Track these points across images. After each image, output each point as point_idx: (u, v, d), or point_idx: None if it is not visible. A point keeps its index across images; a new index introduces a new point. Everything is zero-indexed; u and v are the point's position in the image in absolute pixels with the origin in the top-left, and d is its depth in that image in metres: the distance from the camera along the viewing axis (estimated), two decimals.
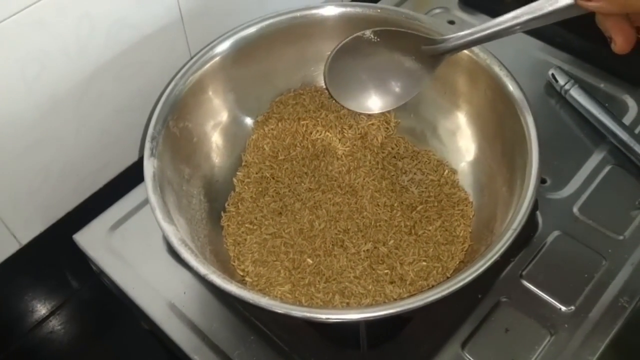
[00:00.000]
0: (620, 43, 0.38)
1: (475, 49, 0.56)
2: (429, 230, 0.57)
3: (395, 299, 0.52)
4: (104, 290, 0.61)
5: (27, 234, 0.62)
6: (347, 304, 0.52)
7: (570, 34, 0.71)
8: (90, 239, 0.58)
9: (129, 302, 0.56)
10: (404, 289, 0.53)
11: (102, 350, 0.67)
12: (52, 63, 0.54)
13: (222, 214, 0.59)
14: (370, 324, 0.50)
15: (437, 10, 0.76)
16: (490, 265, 0.45)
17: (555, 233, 0.57)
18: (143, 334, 0.65)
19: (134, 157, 0.68)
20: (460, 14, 0.76)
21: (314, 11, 0.60)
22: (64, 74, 0.56)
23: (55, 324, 0.66)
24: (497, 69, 0.56)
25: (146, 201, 0.60)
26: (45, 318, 0.67)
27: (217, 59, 0.58)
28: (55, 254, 0.66)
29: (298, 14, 0.60)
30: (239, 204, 0.59)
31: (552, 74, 0.67)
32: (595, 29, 0.41)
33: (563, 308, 0.53)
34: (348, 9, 0.61)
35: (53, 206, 0.63)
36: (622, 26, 0.38)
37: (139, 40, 0.60)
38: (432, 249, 0.55)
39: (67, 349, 0.66)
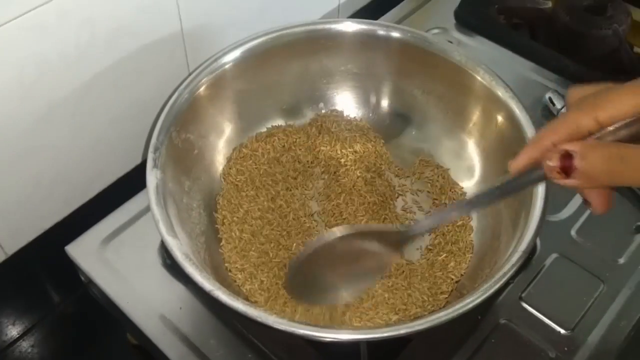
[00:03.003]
0: (596, 206, 0.36)
1: (481, 70, 0.57)
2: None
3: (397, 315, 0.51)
4: (87, 305, 0.59)
5: (14, 244, 0.60)
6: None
7: (565, 58, 0.72)
8: (83, 251, 0.56)
9: (121, 317, 0.54)
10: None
11: None
12: (51, 68, 0.53)
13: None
14: (371, 344, 0.49)
15: (435, 31, 0.76)
16: (500, 286, 0.45)
17: (554, 255, 0.57)
18: (125, 352, 0.63)
19: (127, 168, 0.66)
20: (457, 35, 0.76)
21: (320, 26, 0.60)
22: (61, 79, 0.54)
23: (35, 339, 0.64)
24: (503, 92, 0.56)
25: (140, 213, 0.59)
26: (26, 332, 0.64)
27: (221, 70, 0.57)
28: (41, 265, 0.64)
29: (303, 28, 0.60)
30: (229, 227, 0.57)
31: (549, 98, 0.68)
32: (590, 53, 0.41)
33: (562, 331, 0.53)
34: (363, 26, 0.61)
35: (42, 216, 0.61)
36: (598, 191, 0.36)
37: (138, 49, 0.59)
38: None
39: None
